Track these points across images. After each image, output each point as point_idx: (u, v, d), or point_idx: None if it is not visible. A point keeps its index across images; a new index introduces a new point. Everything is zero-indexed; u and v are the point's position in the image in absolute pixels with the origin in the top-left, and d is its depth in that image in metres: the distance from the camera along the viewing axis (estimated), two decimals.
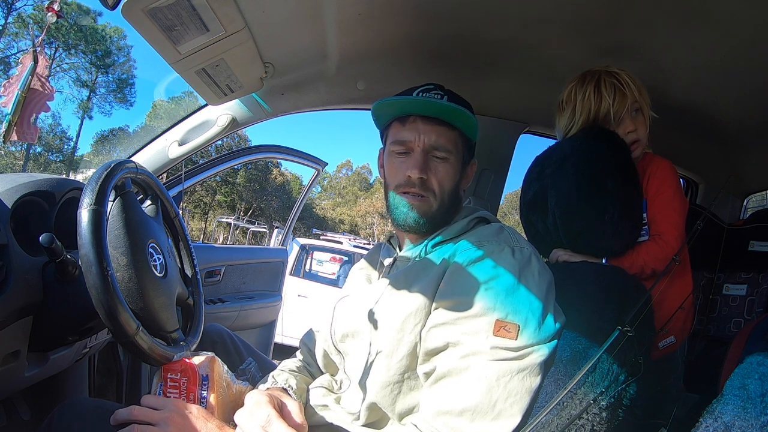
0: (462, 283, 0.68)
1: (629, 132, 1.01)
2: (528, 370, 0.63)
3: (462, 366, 0.63)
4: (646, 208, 1.00)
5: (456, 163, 0.79)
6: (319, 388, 0.83)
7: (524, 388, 0.62)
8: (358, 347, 0.78)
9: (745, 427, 0.47)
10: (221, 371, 0.80)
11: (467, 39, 1.17)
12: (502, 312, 0.64)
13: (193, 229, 25.50)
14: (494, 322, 0.64)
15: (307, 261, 5.68)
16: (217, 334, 1.06)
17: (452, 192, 0.79)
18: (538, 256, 0.73)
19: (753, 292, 1.37)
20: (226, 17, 0.93)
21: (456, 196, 0.81)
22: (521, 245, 0.72)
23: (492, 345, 0.63)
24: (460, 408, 0.61)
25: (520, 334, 0.64)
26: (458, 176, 0.80)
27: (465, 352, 0.64)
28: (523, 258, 0.70)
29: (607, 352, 0.66)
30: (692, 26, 0.97)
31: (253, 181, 27.46)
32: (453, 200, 0.80)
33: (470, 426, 0.61)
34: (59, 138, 24.58)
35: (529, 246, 0.73)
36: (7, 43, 21.24)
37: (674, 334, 1.01)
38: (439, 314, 0.68)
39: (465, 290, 0.67)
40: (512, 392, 0.62)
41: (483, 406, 0.61)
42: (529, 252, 0.71)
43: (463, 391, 0.62)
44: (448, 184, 0.78)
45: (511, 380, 0.62)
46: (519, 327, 0.64)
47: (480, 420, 0.61)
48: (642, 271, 0.96)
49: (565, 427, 0.64)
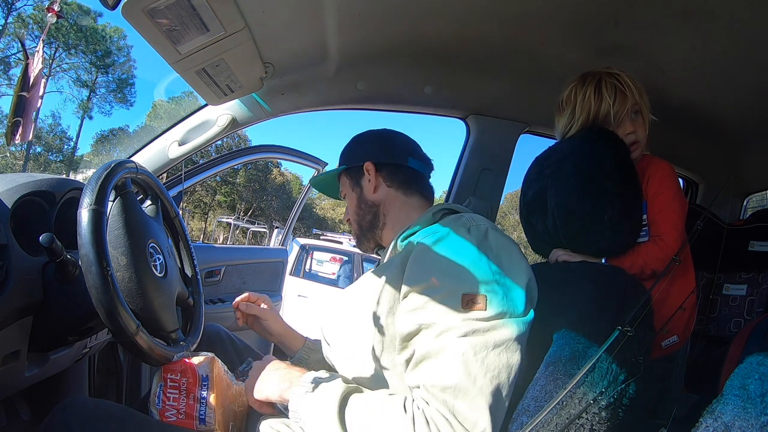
0: (424, 268, 0.71)
1: (629, 133, 1.01)
2: (504, 346, 0.64)
3: (438, 346, 0.65)
4: (646, 209, 1.00)
5: (350, 190, 0.93)
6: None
7: (502, 363, 0.63)
8: (337, 340, 0.83)
9: (745, 427, 0.47)
10: (221, 371, 0.80)
11: (467, 39, 1.17)
12: (467, 286, 0.66)
13: (193, 229, 25.49)
14: (461, 296, 0.65)
15: (307, 261, 5.68)
16: (216, 335, 1.06)
17: (359, 210, 0.92)
18: (496, 229, 0.75)
19: (753, 292, 1.37)
20: (226, 17, 0.93)
21: (365, 207, 0.91)
22: (477, 223, 0.75)
23: (463, 318, 0.64)
24: (442, 385, 0.62)
25: (489, 304, 0.65)
26: (356, 195, 0.92)
27: (438, 331, 0.65)
28: (479, 233, 0.72)
29: (607, 352, 0.66)
30: (692, 26, 0.97)
31: (253, 181, 27.44)
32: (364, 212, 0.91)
33: (455, 402, 0.62)
34: (59, 138, 24.56)
35: (486, 222, 0.76)
36: (7, 43, 21.25)
37: (677, 333, 1.01)
38: (407, 301, 0.70)
39: (428, 273, 0.69)
40: (490, 367, 0.63)
41: (464, 383, 0.62)
42: (485, 227, 0.74)
43: (443, 370, 0.63)
44: (352, 209, 0.93)
45: (488, 355, 0.63)
46: (486, 297, 0.65)
47: (463, 396, 0.62)
48: (642, 272, 0.96)
49: (565, 426, 0.64)
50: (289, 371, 0.77)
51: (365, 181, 0.91)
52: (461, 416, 0.61)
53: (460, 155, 1.55)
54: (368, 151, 0.93)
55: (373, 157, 0.91)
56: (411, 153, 0.93)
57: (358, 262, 5.66)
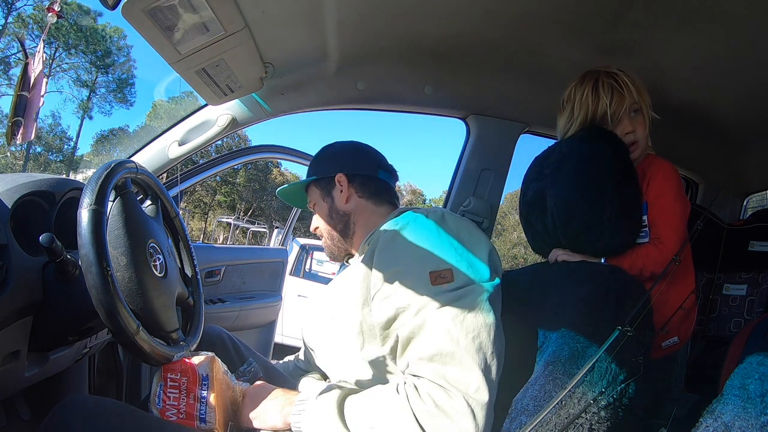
0: (390, 256, 0.75)
1: (627, 133, 1.01)
2: (478, 307, 0.68)
3: (418, 323, 0.68)
4: (646, 210, 1.00)
5: (321, 200, 0.96)
6: (311, 378, 0.94)
7: (480, 323, 0.67)
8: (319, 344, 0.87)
9: (745, 427, 0.47)
10: (221, 371, 0.80)
11: (467, 39, 1.17)
12: (432, 264, 0.71)
13: (193, 229, 25.47)
14: (428, 274, 0.70)
15: (307, 261, 5.67)
16: (216, 336, 1.06)
17: (330, 220, 0.95)
18: (452, 213, 0.82)
19: (753, 292, 1.37)
20: (226, 17, 0.94)
21: (336, 216, 0.94)
22: (434, 209, 0.81)
23: (434, 294, 0.69)
24: (429, 354, 0.66)
25: (456, 275, 0.70)
26: (327, 205, 0.95)
27: (415, 310, 0.69)
28: (436, 216, 0.78)
29: (607, 352, 0.66)
30: (692, 26, 0.97)
31: (253, 181, 27.43)
32: (336, 221, 0.94)
33: (445, 367, 0.64)
34: (59, 138, 24.55)
35: (442, 209, 0.83)
36: (7, 43, 21.25)
37: (677, 334, 1.01)
38: (380, 293, 0.74)
39: (394, 260, 0.74)
40: (469, 328, 0.67)
41: (448, 347, 0.65)
42: (441, 212, 0.81)
43: (428, 342, 0.67)
44: (323, 218, 0.96)
45: (465, 318, 0.67)
46: (452, 270, 0.70)
47: (450, 359, 0.65)
48: (641, 274, 0.96)
49: (565, 426, 0.64)
50: (287, 396, 0.78)
51: (337, 192, 0.94)
52: (453, 380, 0.64)
53: (460, 155, 1.55)
54: (340, 162, 0.96)
55: (345, 168, 0.94)
56: (380, 165, 0.97)
57: None
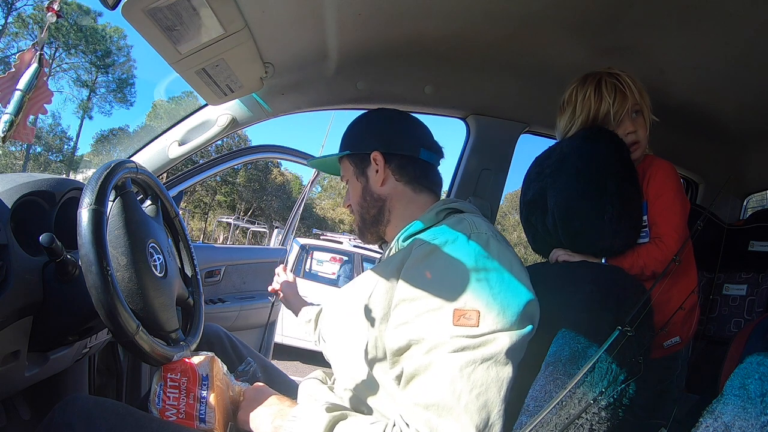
0: (416, 281, 0.67)
1: (629, 133, 1.01)
2: (493, 359, 0.60)
3: (426, 362, 0.62)
4: (646, 209, 1.00)
5: (354, 178, 0.87)
6: (312, 380, 0.86)
7: (490, 378, 0.59)
8: (332, 337, 0.83)
9: (745, 427, 0.47)
10: (221, 371, 0.80)
11: (467, 39, 1.17)
12: (459, 301, 0.62)
13: (193, 229, 25.46)
14: (453, 312, 0.62)
15: (307, 261, 5.68)
16: (215, 335, 1.06)
17: (363, 201, 0.86)
18: (498, 238, 0.71)
19: (753, 292, 1.37)
20: (226, 17, 0.93)
21: (370, 200, 0.86)
22: (479, 230, 0.70)
23: (452, 335, 0.61)
24: (425, 402, 0.60)
25: (482, 320, 0.61)
26: (361, 185, 0.86)
27: (427, 348, 0.62)
28: (480, 241, 0.68)
29: (607, 352, 0.65)
30: (692, 26, 0.97)
31: (253, 181, 27.42)
32: (368, 206, 0.86)
33: (439, 421, 0.58)
34: (59, 138, 24.56)
35: (489, 230, 0.72)
36: (7, 43, 21.25)
37: (679, 334, 1.01)
38: (398, 314, 0.67)
39: (419, 286, 0.66)
40: (476, 383, 0.59)
41: (447, 400, 0.58)
42: (486, 236, 0.70)
43: (429, 387, 0.60)
44: (356, 199, 0.87)
45: (475, 371, 0.59)
46: (479, 313, 0.61)
47: (447, 414, 0.58)
48: (642, 273, 0.96)
49: (565, 426, 0.64)
50: (280, 407, 0.75)
51: (372, 171, 0.84)
52: None
53: (460, 155, 1.55)
54: (377, 138, 0.85)
55: (382, 146, 0.83)
56: (423, 143, 0.85)
57: (358, 262, 5.66)
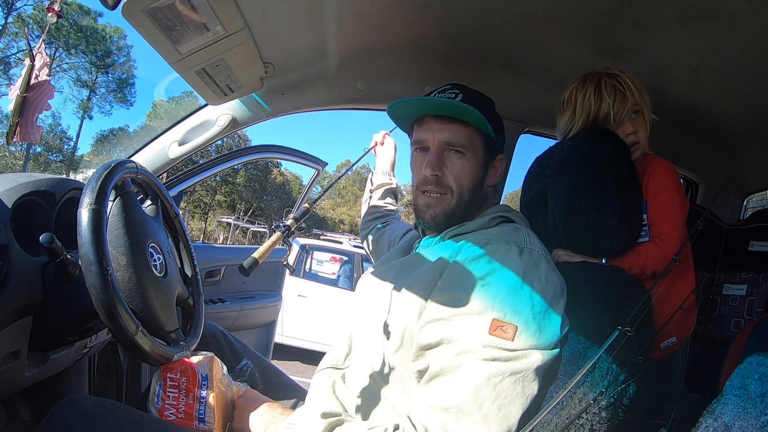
0: (460, 280, 0.67)
1: (629, 133, 1.01)
2: (522, 374, 0.60)
3: (454, 364, 0.62)
4: (645, 208, 1.00)
5: (474, 158, 0.79)
6: (324, 370, 0.84)
7: (515, 392, 0.59)
8: (360, 322, 0.80)
9: (745, 427, 0.47)
10: (220, 371, 0.80)
11: (467, 39, 1.17)
12: (500, 312, 0.62)
13: (193, 229, 25.47)
14: (491, 321, 0.62)
15: (307, 261, 5.68)
16: (212, 334, 1.05)
17: (472, 187, 0.80)
18: (549, 260, 0.71)
19: (753, 292, 1.36)
20: (226, 17, 0.93)
21: (477, 192, 0.81)
22: (532, 247, 0.70)
23: (486, 344, 0.61)
24: (446, 404, 0.59)
25: (517, 336, 0.61)
26: (479, 172, 0.80)
27: (458, 350, 0.62)
28: (531, 259, 0.68)
29: (607, 352, 0.66)
30: (692, 26, 0.97)
31: (253, 181, 27.43)
32: (473, 195, 0.81)
33: (455, 424, 0.58)
34: (59, 138, 24.55)
35: (542, 249, 0.71)
36: (7, 43, 21.25)
37: (676, 334, 1.01)
38: (434, 310, 0.66)
39: (463, 287, 0.66)
40: (501, 394, 0.59)
41: (469, 406, 0.58)
42: (538, 255, 0.70)
43: (452, 389, 0.60)
44: (465, 179, 0.79)
45: (502, 381, 0.59)
46: (517, 328, 0.61)
47: (466, 419, 0.58)
48: (642, 272, 0.96)
49: (565, 426, 0.64)
50: (272, 414, 0.75)
51: (492, 169, 0.84)
52: None
53: None
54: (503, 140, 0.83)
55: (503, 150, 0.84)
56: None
57: (358, 262, 5.66)
